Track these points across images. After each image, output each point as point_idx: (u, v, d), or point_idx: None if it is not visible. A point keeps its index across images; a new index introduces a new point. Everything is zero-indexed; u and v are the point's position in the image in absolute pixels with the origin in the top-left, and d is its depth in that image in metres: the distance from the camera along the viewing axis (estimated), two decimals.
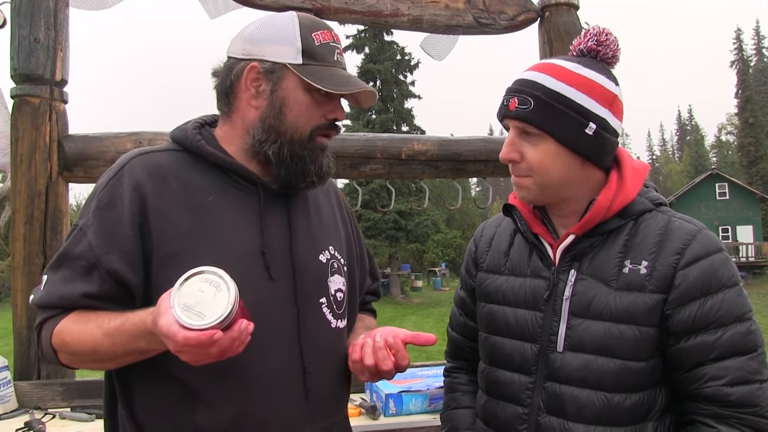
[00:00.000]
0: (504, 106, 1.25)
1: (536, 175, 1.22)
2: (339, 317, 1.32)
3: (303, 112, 1.22)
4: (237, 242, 1.19)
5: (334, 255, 1.34)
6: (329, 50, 1.23)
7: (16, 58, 2.68)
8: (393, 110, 26.94)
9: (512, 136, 1.24)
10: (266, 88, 1.22)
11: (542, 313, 1.25)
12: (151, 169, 1.19)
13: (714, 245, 1.18)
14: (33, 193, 2.68)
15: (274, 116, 1.22)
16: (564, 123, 1.19)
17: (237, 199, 1.23)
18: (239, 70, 1.23)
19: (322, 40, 1.23)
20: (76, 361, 1.18)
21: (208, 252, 1.15)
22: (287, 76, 1.21)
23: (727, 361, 1.12)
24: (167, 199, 1.17)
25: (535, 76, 1.23)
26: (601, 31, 1.25)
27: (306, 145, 1.24)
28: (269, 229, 1.23)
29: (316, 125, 1.24)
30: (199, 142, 1.23)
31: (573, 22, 3.32)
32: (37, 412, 2.39)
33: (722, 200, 38.30)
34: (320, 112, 1.24)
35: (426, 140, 3.28)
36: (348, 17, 3.17)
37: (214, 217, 1.19)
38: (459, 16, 3.26)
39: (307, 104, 1.22)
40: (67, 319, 1.15)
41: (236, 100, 1.25)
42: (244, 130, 1.25)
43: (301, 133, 1.23)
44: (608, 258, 1.21)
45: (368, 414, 2.34)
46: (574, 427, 1.18)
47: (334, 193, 1.48)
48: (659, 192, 1.30)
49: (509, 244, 1.38)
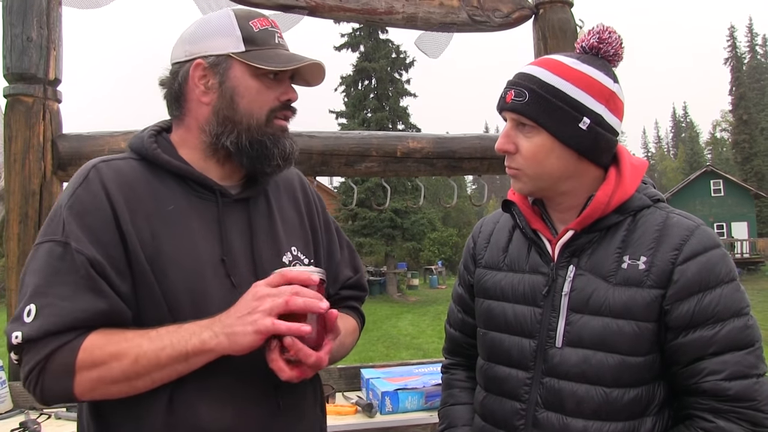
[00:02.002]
0: (501, 98, 1.27)
1: (529, 167, 1.24)
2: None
3: (255, 97, 1.23)
4: (198, 251, 1.17)
5: (297, 256, 1.32)
6: (269, 35, 1.25)
7: (9, 57, 2.66)
8: (388, 108, 26.90)
9: (508, 127, 1.26)
10: (214, 82, 1.22)
11: (541, 308, 1.25)
12: (116, 175, 1.18)
13: (712, 241, 1.18)
14: (27, 192, 2.66)
15: (227, 106, 1.22)
16: (557, 117, 1.20)
17: (197, 207, 1.22)
18: (185, 72, 1.24)
19: (261, 26, 1.24)
20: (102, 382, 1.07)
21: (170, 262, 1.14)
22: (233, 66, 1.22)
23: (725, 355, 1.12)
24: (133, 205, 1.15)
25: (532, 70, 1.24)
26: (604, 29, 1.26)
27: (264, 129, 1.24)
28: (229, 236, 1.22)
29: (270, 108, 1.24)
30: (155, 151, 1.22)
31: (567, 19, 3.32)
32: (32, 412, 2.38)
33: (717, 197, 38.47)
34: (272, 95, 1.25)
35: (421, 138, 3.28)
36: (342, 15, 3.17)
37: (175, 227, 1.17)
38: (453, 13, 3.26)
39: (257, 89, 1.23)
40: (91, 336, 1.07)
41: (187, 102, 1.26)
42: (199, 129, 1.25)
43: (257, 119, 1.23)
44: (607, 254, 1.21)
45: (364, 412, 2.34)
46: (573, 422, 1.18)
47: (300, 187, 1.45)
48: (657, 188, 1.31)
49: (508, 240, 1.38)
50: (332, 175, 3.37)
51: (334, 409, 2.41)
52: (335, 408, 2.43)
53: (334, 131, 3.36)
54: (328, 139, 3.09)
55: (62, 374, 1.06)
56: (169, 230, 1.16)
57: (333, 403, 2.53)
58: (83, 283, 1.07)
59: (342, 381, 2.78)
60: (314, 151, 3.03)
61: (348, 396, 2.62)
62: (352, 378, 2.78)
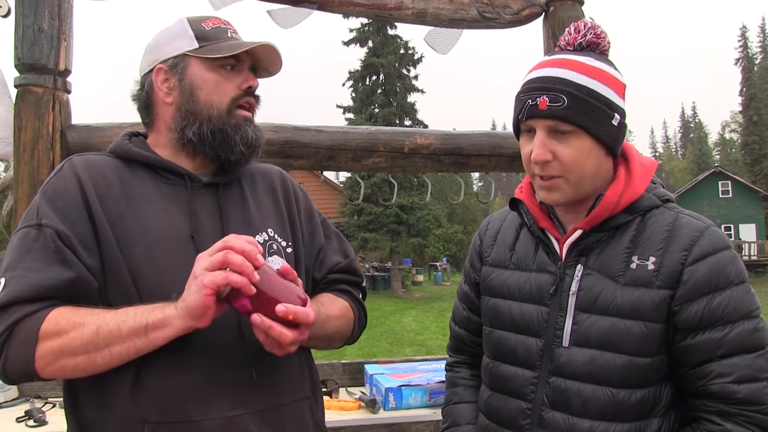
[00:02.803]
0: (531, 105, 1.20)
1: (571, 173, 1.20)
2: None
3: (213, 88, 1.29)
4: (167, 228, 1.23)
5: (273, 237, 1.35)
6: (221, 30, 1.32)
7: (20, 47, 2.67)
8: (396, 104, 26.86)
9: (543, 136, 1.20)
10: (175, 81, 1.30)
11: (548, 307, 1.25)
12: (88, 164, 1.27)
13: (722, 242, 1.17)
14: (36, 182, 2.67)
15: (187, 100, 1.29)
16: (596, 117, 1.18)
17: (167, 192, 1.28)
18: (150, 80, 1.33)
19: (213, 25, 1.32)
20: (62, 353, 1.09)
21: (140, 237, 1.20)
22: (190, 63, 1.29)
23: (734, 358, 1.11)
24: (103, 189, 1.22)
25: (559, 73, 1.20)
26: (594, 25, 1.26)
27: (225, 119, 1.29)
28: (199, 215, 1.27)
29: (231, 97, 1.30)
30: (127, 146, 1.31)
31: (578, 16, 3.29)
32: (37, 401, 2.40)
33: (725, 198, 38.25)
34: (232, 84, 1.31)
35: (429, 134, 3.27)
36: (352, 10, 3.16)
37: (144, 207, 1.24)
38: (463, 9, 3.24)
39: (215, 80, 1.29)
40: (59, 308, 1.11)
41: (154, 107, 1.34)
42: (167, 128, 1.33)
43: (217, 109, 1.29)
44: (615, 253, 1.21)
45: (368, 408, 2.35)
46: (579, 422, 1.17)
47: (279, 180, 1.48)
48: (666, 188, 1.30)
49: (515, 238, 1.38)
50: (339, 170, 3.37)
51: (338, 404, 2.42)
52: (338, 403, 2.44)
53: (341, 126, 3.35)
54: (335, 134, 3.09)
55: (25, 343, 1.08)
56: (138, 210, 1.23)
57: (336, 398, 2.53)
58: (53, 257, 1.13)
59: (346, 376, 2.78)
60: (321, 146, 3.03)
61: (351, 391, 2.63)
62: (356, 373, 2.79)
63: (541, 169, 1.22)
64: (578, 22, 1.27)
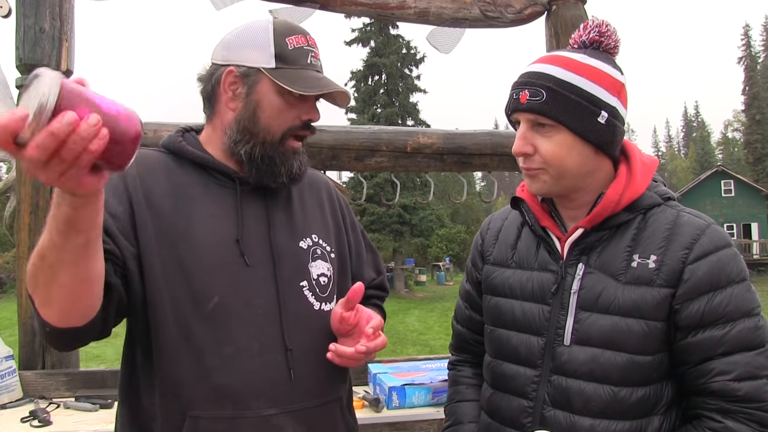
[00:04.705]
0: (514, 99, 1.24)
1: (551, 167, 1.21)
2: (323, 300, 1.34)
3: (275, 114, 1.28)
4: (213, 231, 1.24)
5: (318, 242, 1.37)
6: (302, 54, 1.29)
7: (22, 48, 2.68)
8: (398, 104, 26.87)
9: (524, 129, 1.23)
10: (242, 91, 1.28)
11: (549, 306, 1.25)
12: (137, 159, 1.18)
13: (723, 240, 1.17)
14: (38, 183, 2.68)
15: (248, 118, 1.28)
16: (577, 112, 1.18)
17: (216, 193, 1.29)
18: (219, 75, 1.30)
19: (296, 45, 1.28)
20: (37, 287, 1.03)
21: (185, 237, 1.21)
22: (261, 80, 1.27)
23: (734, 356, 1.11)
24: (150, 185, 1.24)
25: (543, 68, 1.22)
26: (602, 23, 1.26)
27: (277, 147, 1.29)
28: (246, 220, 1.28)
29: (288, 126, 1.29)
30: (180, 143, 1.31)
31: (580, 15, 3.30)
32: (41, 401, 2.40)
33: (728, 197, 38.18)
34: (294, 113, 1.29)
35: (431, 133, 3.27)
36: (354, 9, 3.16)
37: (194, 207, 1.25)
38: (465, 8, 3.24)
39: (279, 107, 1.28)
40: None
41: (217, 104, 1.33)
42: (222, 131, 1.32)
43: (273, 135, 1.28)
44: (617, 252, 1.20)
45: (371, 406, 2.35)
46: (580, 420, 1.17)
47: (325, 189, 1.51)
48: (668, 187, 1.30)
49: (516, 237, 1.38)
50: (342, 170, 3.37)
51: None
52: None
53: (344, 126, 3.35)
54: (338, 134, 3.09)
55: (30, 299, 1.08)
56: (186, 210, 1.24)
57: None
58: None
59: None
60: (324, 146, 3.03)
61: (355, 391, 2.63)
62: (360, 373, 2.78)
63: (523, 161, 1.25)
64: (588, 20, 1.28)
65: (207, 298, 1.19)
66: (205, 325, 1.19)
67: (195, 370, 1.18)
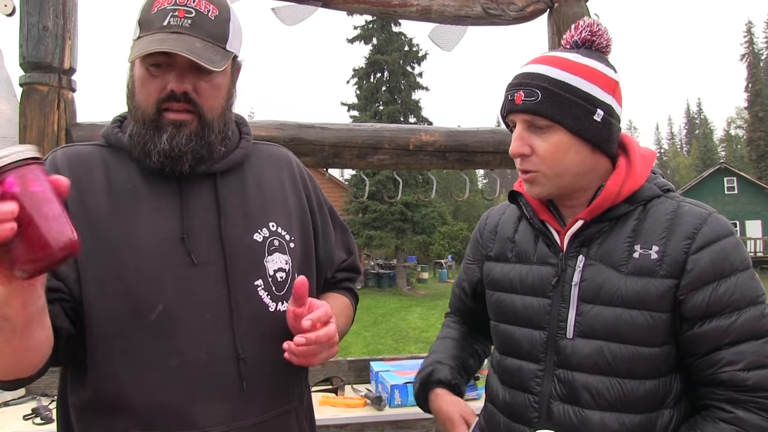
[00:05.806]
0: (509, 101, 1.24)
1: (548, 167, 1.22)
2: (280, 299, 1.22)
3: (141, 87, 1.15)
4: (156, 229, 1.14)
5: (276, 232, 1.25)
6: (161, 15, 1.12)
7: (25, 46, 2.68)
8: (400, 102, 26.84)
9: (520, 130, 1.23)
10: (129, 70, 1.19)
11: (549, 299, 1.25)
12: (71, 158, 1.17)
13: (725, 229, 1.17)
14: None
15: (129, 96, 1.19)
16: (573, 111, 1.18)
17: (158, 185, 1.18)
18: None
19: (159, 6, 1.12)
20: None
21: (125, 242, 1.12)
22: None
23: (742, 345, 1.11)
24: (85, 185, 1.14)
25: (537, 69, 1.22)
26: (593, 22, 1.26)
27: (150, 123, 1.15)
28: (194, 213, 1.17)
29: (157, 98, 1.14)
30: (116, 135, 1.22)
31: (582, 13, 3.29)
32: (44, 398, 2.41)
33: (731, 195, 38.09)
34: (158, 84, 1.14)
35: (434, 131, 3.27)
36: (357, 7, 3.16)
37: (134, 203, 1.15)
38: (468, 6, 3.24)
39: (143, 78, 1.15)
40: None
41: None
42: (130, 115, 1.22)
43: (144, 110, 1.15)
44: (617, 243, 1.21)
45: (373, 405, 2.35)
46: (590, 414, 1.17)
47: (286, 167, 1.38)
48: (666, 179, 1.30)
49: (514, 230, 1.38)
50: (344, 168, 3.37)
51: (343, 402, 2.43)
52: (344, 400, 2.44)
53: (346, 123, 3.35)
54: (340, 132, 3.09)
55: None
56: (125, 209, 1.14)
57: (342, 396, 2.54)
58: None
59: (351, 373, 2.79)
60: (326, 143, 3.03)
61: (357, 389, 2.63)
62: (362, 371, 2.79)
63: (519, 163, 1.25)
64: (580, 20, 1.28)
65: (150, 307, 1.09)
66: (148, 337, 1.09)
67: (135, 387, 1.08)
